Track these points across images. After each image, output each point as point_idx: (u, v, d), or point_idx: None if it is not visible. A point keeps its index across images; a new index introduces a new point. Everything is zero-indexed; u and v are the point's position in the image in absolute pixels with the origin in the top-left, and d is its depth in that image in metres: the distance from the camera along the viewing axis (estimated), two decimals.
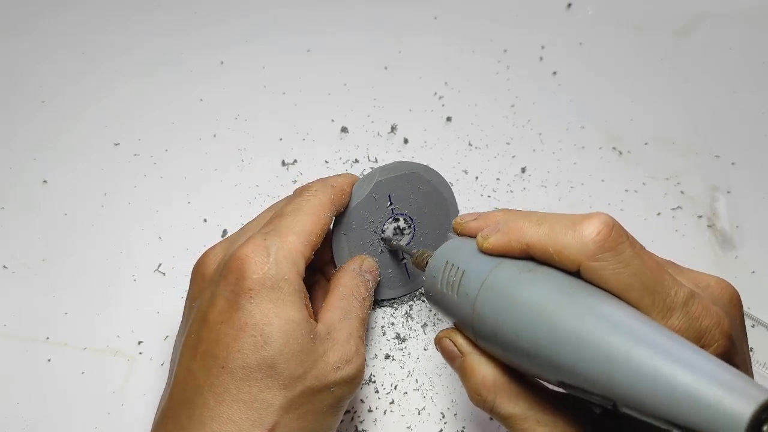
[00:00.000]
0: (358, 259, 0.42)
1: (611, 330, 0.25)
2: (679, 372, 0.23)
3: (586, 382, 0.26)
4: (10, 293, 0.49)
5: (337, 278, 0.40)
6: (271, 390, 0.33)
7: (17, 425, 0.43)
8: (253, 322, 0.33)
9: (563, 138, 0.60)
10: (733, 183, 0.58)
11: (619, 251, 0.27)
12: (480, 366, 0.33)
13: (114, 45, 0.65)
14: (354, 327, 0.38)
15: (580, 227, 0.28)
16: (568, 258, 0.28)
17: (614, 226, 0.28)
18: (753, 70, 0.66)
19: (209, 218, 0.53)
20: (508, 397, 0.32)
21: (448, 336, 0.35)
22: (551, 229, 0.29)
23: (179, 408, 0.33)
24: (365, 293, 0.40)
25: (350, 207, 0.42)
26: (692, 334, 0.27)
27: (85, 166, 0.56)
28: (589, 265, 0.28)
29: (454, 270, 0.34)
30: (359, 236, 0.43)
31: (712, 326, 0.27)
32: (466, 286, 0.33)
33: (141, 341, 0.47)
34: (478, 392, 0.32)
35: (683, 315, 0.27)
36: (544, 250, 0.29)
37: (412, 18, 0.68)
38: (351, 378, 0.36)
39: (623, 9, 0.69)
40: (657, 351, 0.24)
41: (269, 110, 0.60)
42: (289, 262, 0.35)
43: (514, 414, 0.31)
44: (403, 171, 0.43)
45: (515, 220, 0.32)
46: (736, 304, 0.31)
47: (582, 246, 0.28)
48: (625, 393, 0.24)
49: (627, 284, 0.27)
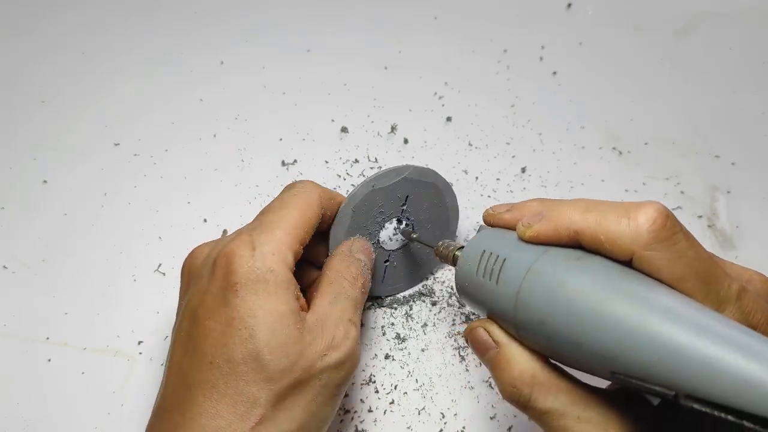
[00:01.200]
0: (348, 242, 0.42)
1: (672, 319, 0.25)
2: (744, 360, 0.22)
3: (646, 373, 0.25)
4: (10, 293, 0.49)
5: (327, 265, 0.40)
6: (257, 383, 0.32)
7: (17, 425, 0.43)
8: (239, 316, 0.33)
9: (563, 138, 0.60)
10: (733, 183, 0.58)
11: (674, 241, 0.27)
12: (519, 357, 0.31)
13: (114, 45, 0.65)
14: (344, 309, 0.37)
15: (634, 215, 0.28)
16: (621, 247, 0.28)
17: (669, 215, 0.28)
18: (753, 70, 0.66)
19: (209, 218, 0.53)
20: (548, 390, 0.30)
21: (483, 325, 0.33)
22: (602, 216, 0.29)
23: (172, 405, 0.33)
24: (356, 272, 0.39)
25: (348, 209, 0.42)
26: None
27: (85, 166, 0.56)
28: (644, 255, 0.27)
29: (493, 258, 0.33)
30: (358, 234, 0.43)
31: (763, 320, 0.27)
32: (508, 274, 0.32)
33: (141, 341, 0.47)
34: (513, 385, 0.31)
35: (736, 309, 0.27)
36: (595, 237, 0.29)
37: (412, 18, 0.68)
38: (338, 363, 0.35)
39: (623, 9, 0.69)
40: (721, 339, 0.23)
41: (269, 110, 0.60)
42: (276, 255, 0.35)
43: (552, 409, 0.30)
44: (400, 176, 0.43)
45: (560, 207, 0.31)
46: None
47: (636, 235, 0.27)
48: (688, 383, 0.24)
49: (681, 275, 0.27)
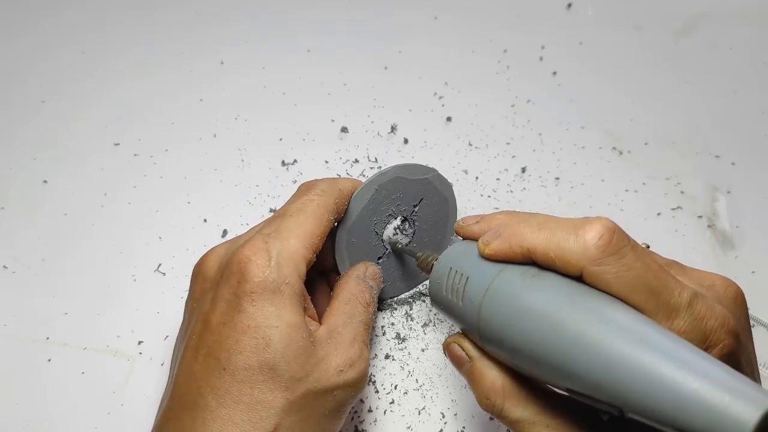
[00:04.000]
0: (362, 266, 0.42)
1: (617, 335, 0.25)
2: (685, 377, 0.23)
3: (592, 388, 0.26)
4: (10, 293, 0.49)
5: (342, 284, 0.40)
6: (273, 392, 0.33)
7: (17, 425, 0.43)
8: (255, 324, 0.33)
9: (563, 138, 0.60)
10: (733, 183, 0.58)
11: (621, 255, 0.28)
12: (489, 371, 0.33)
13: (114, 45, 0.65)
14: (358, 331, 0.38)
15: (582, 232, 0.28)
16: (571, 263, 0.28)
17: (615, 230, 0.28)
18: (753, 70, 0.66)
19: (209, 218, 0.53)
20: (517, 401, 0.32)
21: (456, 341, 0.35)
22: (552, 234, 0.29)
23: (181, 410, 0.33)
24: (369, 298, 0.40)
25: (352, 210, 0.42)
26: (698, 334, 0.27)
27: (85, 166, 0.56)
28: (592, 270, 0.28)
29: (458, 276, 0.34)
30: (361, 238, 0.43)
31: (717, 326, 0.27)
32: (470, 292, 0.33)
33: (141, 341, 0.47)
34: (487, 397, 0.32)
35: (688, 316, 0.27)
36: (546, 255, 0.29)
37: (412, 18, 0.68)
38: (354, 382, 0.36)
39: (623, 9, 0.69)
40: (663, 356, 0.24)
41: (269, 110, 0.60)
42: (291, 266, 0.35)
43: (522, 418, 0.31)
44: (398, 174, 0.43)
45: (516, 224, 0.32)
46: (741, 303, 0.31)
47: (584, 251, 0.28)
48: (631, 399, 0.24)
49: (630, 287, 0.27)
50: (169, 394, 0.35)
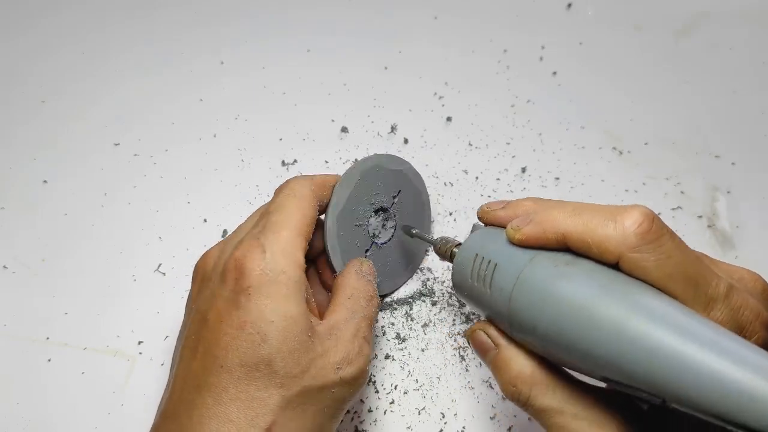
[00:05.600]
0: (357, 262, 0.42)
1: (658, 324, 0.25)
2: (730, 367, 0.22)
3: (633, 378, 0.25)
4: (10, 293, 0.49)
5: (343, 279, 0.40)
6: (268, 389, 0.33)
7: (17, 425, 0.43)
8: (251, 319, 0.33)
9: (563, 138, 0.60)
10: (733, 183, 0.58)
11: (661, 243, 0.27)
12: (517, 358, 0.32)
13: (114, 45, 0.65)
14: (360, 327, 0.37)
15: (621, 218, 0.28)
16: (608, 250, 0.28)
17: (654, 218, 0.28)
18: (753, 70, 0.66)
19: (209, 218, 0.53)
20: (546, 389, 0.31)
21: (482, 328, 0.34)
22: (589, 219, 0.29)
23: (179, 408, 0.33)
24: (372, 292, 0.40)
25: (339, 197, 0.42)
26: (734, 325, 0.27)
27: (85, 166, 0.56)
28: (631, 257, 0.27)
29: (485, 263, 0.33)
30: (349, 228, 0.43)
31: (753, 317, 0.27)
32: (499, 280, 0.32)
33: (141, 341, 0.47)
34: (513, 384, 0.32)
35: (725, 307, 0.27)
36: (583, 241, 0.29)
37: (412, 18, 0.68)
38: (352, 379, 0.35)
39: (623, 9, 0.69)
40: (706, 345, 0.23)
41: (269, 110, 0.60)
42: (286, 255, 0.35)
43: (549, 407, 0.31)
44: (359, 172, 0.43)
45: (548, 209, 0.31)
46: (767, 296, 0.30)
47: (623, 237, 0.27)
48: (674, 389, 0.24)
49: (669, 276, 0.27)
50: (168, 393, 0.35)
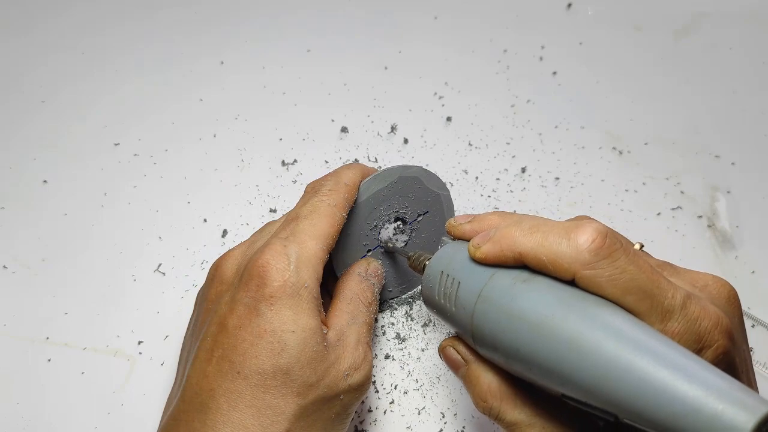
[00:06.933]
0: (364, 263, 0.42)
1: (610, 339, 0.25)
2: (680, 383, 0.23)
3: (587, 393, 0.25)
4: (10, 293, 0.49)
5: (343, 282, 0.40)
6: (285, 397, 0.33)
7: (17, 425, 0.43)
8: (272, 328, 0.33)
9: (563, 138, 0.60)
10: (733, 183, 0.58)
11: (614, 258, 0.27)
12: (484, 374, 0.33)
13: (114, 45, 0.65)
14: (361, 333, 0.37)
15: (574, 235, 0.28)
16: (563, 267, 0.28)
17: (608, 233, 0.28)
18: (753, 70, 0.66)
19: (209, 218, 0.53)
20: (513, 404, 0.32)
21: (452, 344, 0.35)
22: (544, 237, 0.29)
23: (192, 411, 0.33)
24: (371, 297, 0.40)
25: (364, 189, 0.41)
26: (692, 336, 0.27)
27: (85, 166, 0.56)
28: (585, 274, 0.28)
29: (449, 281, 0.34)
30: (357, 238, 0.43)
31: (711, 326, 0.27)
32: (462, 298, 0.33)
33: (141, 341, 0.47)
34: (483, 399, 0.32)
35: (682, 317, 0.27)
36: (538, 259, 0.29)
37: (412, 18, 0.68)
38: (359, 385, 0.36)
39: (623, 9, 0.69)
40: (657, 360, 0.24)
41: (269, 110, 0.60)
42: (309, 269, 0.35)
43: (519, 421, 0.31)
44: (398, 175, 0.43)
45: (506, 227, 0.31)
46: (735, 302, 0.30)
47: (577, 254, 0.28)
48: (625, 404, 0.24)
49: (624, 290, 0.27)
50: (179, 394, 0.35)
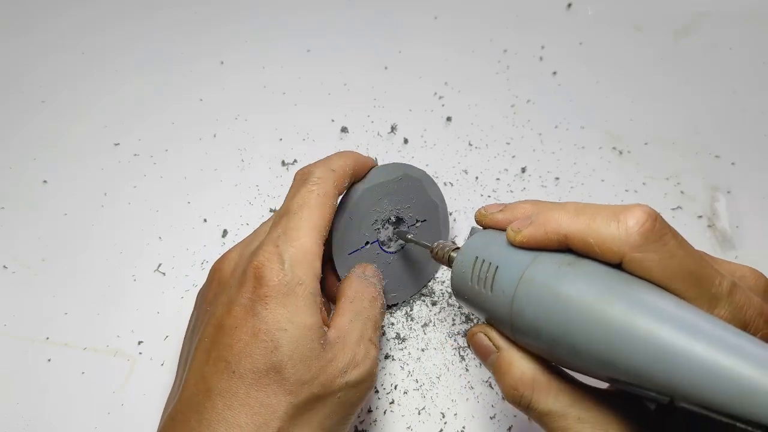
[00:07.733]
0: (360, 267, 0.42)
1: (665, 323, 0.25)
2: (739, 363, 0.22)
3: (640, 377, 0.25)
4: (10, 293, 0.49)
5: (345, 284, 0.40)
6: (277, 396, 0.33)
7: (17, 425, 0.43)
8: (266, 327, 0.33)
9: (563, 138, 0.60)
10: (733, 183, 0.58)
11: (664, 242, 0.27)
12: (518, 361, 0.32)
13: (114, 45, 0.65)
14: (364, 329, 0.37)
15: (623, 218, 0.28)
16: (611, 250, 0.28)
17: (657, 217, 0.28)
18: (753, 70, 0.66)
19: (209, 218, 0.53)
20: (547, 393, 0.31)
21: (482, 331, 0.34)
22: (591, 219, 0.29)
23: (189, 411, 0.33)
24: (375, 293, 0.40)
25: (347, 211, 0.42)
26: (738, 323, 0.27)
27: (85, 166, 0.56)
28: (634, 257, 0.27)
29: (485, 265, 0.33)
30: (358, 225, 0.43)
31: (756, 315, 0.27)
32: (501, 282, 0.32)
33: (141, 341, 0.47)
34: (515, 388, 0.31)
35: (728, 305, 0.27)
36: (585, 241, 0.29)
37: (412, 18, 0.68)
38: (357, 382, 0.35)
39: (623, 9, 0.69)
40: (714, 342, 0.23)
41: (269, 110, 0.60)
42: (304, 266, 0.35)
43: (552, 410, 0.30)
44: (403, 173, 0.43)
45: (549, 210, 0.31)
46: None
47: (626, 237, 0.27)
48: (683, 388, 0.23)
49: (673, 275, 0.27)
50: (177, 395, 0.35)
